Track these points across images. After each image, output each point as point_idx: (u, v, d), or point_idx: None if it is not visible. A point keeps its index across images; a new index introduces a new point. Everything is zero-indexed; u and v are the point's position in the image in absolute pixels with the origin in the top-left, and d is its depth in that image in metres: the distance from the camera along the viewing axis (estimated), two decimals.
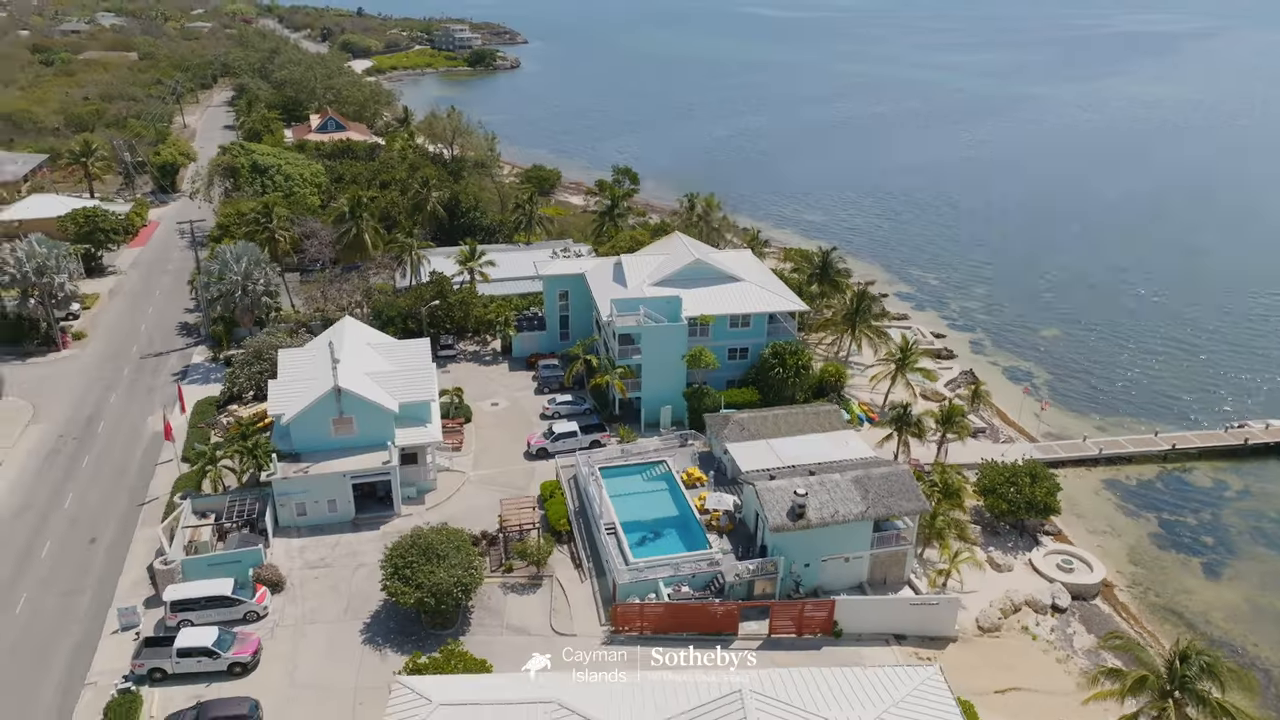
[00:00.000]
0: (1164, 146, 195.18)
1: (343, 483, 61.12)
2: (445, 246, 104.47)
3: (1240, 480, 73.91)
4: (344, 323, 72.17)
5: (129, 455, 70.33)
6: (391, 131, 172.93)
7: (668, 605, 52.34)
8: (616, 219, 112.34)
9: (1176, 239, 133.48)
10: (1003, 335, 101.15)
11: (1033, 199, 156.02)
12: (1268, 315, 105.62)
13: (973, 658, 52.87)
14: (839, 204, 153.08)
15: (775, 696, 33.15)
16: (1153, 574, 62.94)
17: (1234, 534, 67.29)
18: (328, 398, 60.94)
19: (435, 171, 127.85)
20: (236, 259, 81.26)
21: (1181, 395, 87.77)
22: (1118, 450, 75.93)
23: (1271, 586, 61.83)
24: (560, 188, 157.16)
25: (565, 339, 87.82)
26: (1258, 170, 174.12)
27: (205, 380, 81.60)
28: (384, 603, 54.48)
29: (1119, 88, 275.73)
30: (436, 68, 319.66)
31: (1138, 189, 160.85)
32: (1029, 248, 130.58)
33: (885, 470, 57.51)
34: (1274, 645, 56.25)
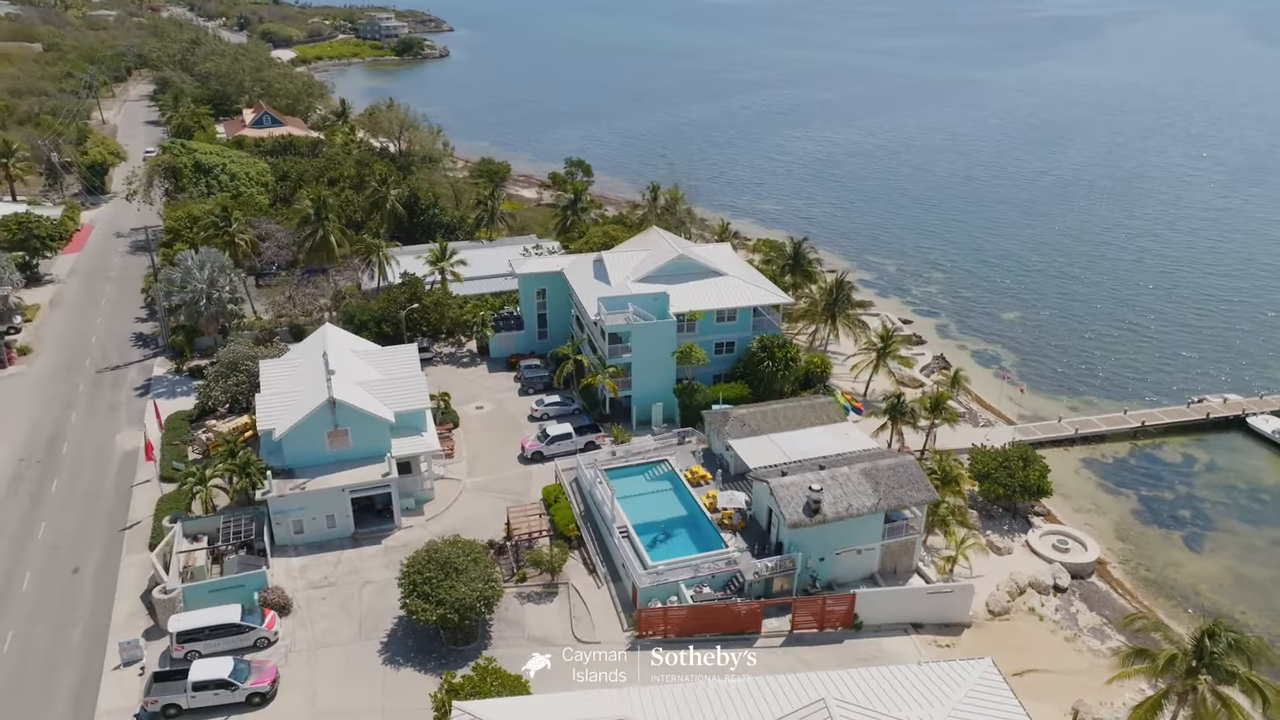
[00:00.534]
0: (1101, 130, 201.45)
1: (341, 497, 59.22)
2: (407, 245, 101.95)
3: (1206, 454, 77.21)
4: (325, 330, 69.71)
5: (101, 477, 66.86)
6: (330, 126, 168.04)
7: (691, 607, 52.18)
8: (580, 213, 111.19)
9: (1117, 221, 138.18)
10: (965, 319, 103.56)
11: (978, 184, 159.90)
12: (1207, 295, 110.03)
13: (987, 642, 54.01)
14: (791, 193, 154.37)
15: (855, 702, 33.26)
16: (1139, 549, 65.37)
17: (1208, 507, 70.29)
18: (322, 410, 58.87)
19: (387, 167, 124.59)
20: (200, 266, 77.70)
21: (1139, 374, 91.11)
22: (1092, 429, 78.56)
23: (1249, 557, 64.79)
24: (510, 180, 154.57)
25: (544, 338, 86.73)
26: (1187, 152, 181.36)
27: (171, 394, 78.03)
28: (398, 620, 53.09)
29: (1054, 71, 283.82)
30: (363, 57, 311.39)
31: (1077, 173, 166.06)
32: (978, 232, 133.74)
33: (892, 461, 58.28)
34: (1261, 613, 58.99)
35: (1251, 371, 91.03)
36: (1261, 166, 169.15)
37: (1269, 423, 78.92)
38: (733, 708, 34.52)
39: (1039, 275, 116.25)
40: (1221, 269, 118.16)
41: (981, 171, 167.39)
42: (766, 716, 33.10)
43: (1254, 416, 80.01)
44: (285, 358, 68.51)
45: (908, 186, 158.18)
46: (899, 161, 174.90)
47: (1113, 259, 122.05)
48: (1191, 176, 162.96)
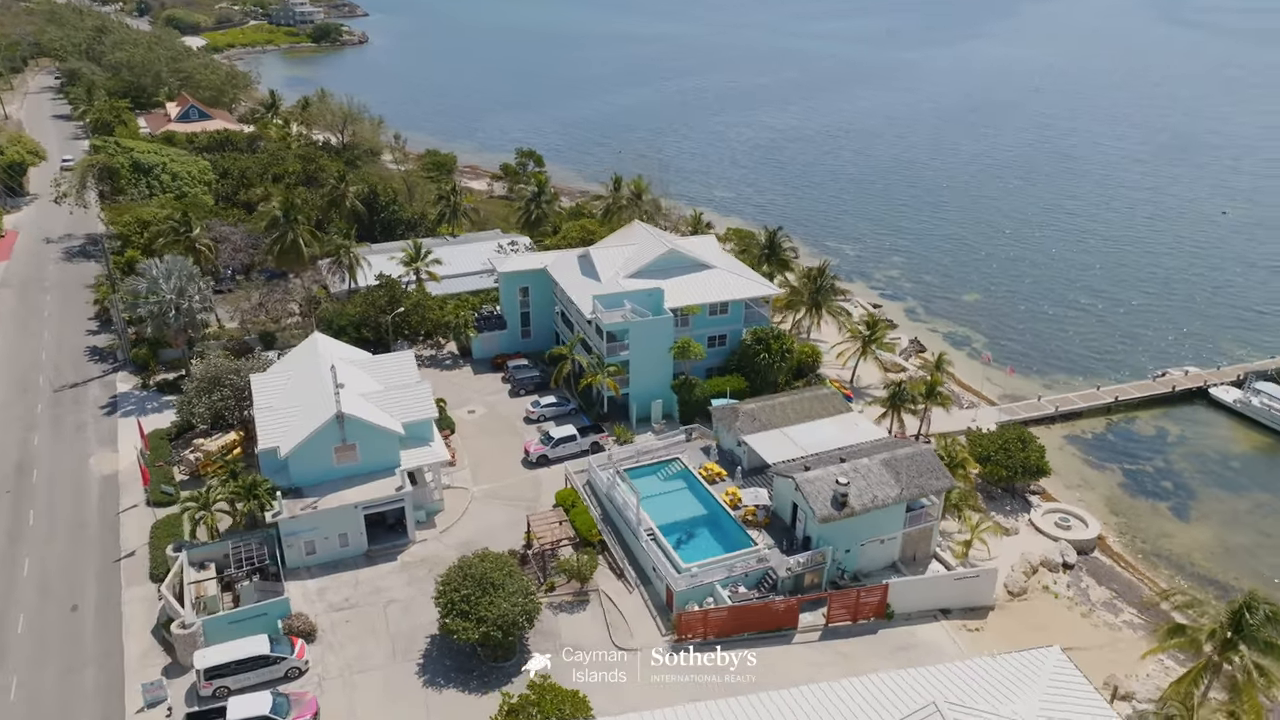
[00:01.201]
0: (1029, 111, 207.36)
1: (354, 515, 57.11)
2: (369, 244, 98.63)
3: (1176, 426, 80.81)
4: (315, 340, 66.97)
5: (82, 505, 62.97)
6: (260, 119, 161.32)
7: (731, 608, 52.11)
8: (544, 205, 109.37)
9: (1055, 202, 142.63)
10: (930, 303, 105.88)
11: (920, 167, 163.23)
12: (1151, 273, 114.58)
13: (1012, 623, 55.57)
14: (739, 180, 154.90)
15: (962, 704, 33.66)
16: (1131, 522, 68.08)
17: (1187, 477, 73.63)
18: (329, 426, 56.57)
19: (335, 163, 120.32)
20: (166, 275, 73.60)
21: (1099, 351, 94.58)
22: (1070, 407, 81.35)
23: (1232, 523, 68.14)
24: (456, 172, 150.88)
25: (527, 337, 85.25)
26: (1111, 133, 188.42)
27: (141, 411, 73.98)
28: (431, 639, 51.66)
29: (979, 51, 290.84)
30: (278, 44, 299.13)
31: (1011, 155, 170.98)
32: (926, 216, 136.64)
33: (910, 451, 59.16)
34: (1253, 578, 62.00)
35: (1202, 344, 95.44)
36: (1182, 146, 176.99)
37: (1229, 393, 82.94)
38: (833, 714, 34.52)
39: (990, 258, 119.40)
40: (1160, 248, 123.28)
41: (921, 155, 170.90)
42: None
43: (1215, 387, 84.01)
44: (275, 370, 65.46)
45: (852, 171, 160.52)
46: (840, 146, 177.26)
47: (1057, 240, 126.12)
48: (1118, 156, 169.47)
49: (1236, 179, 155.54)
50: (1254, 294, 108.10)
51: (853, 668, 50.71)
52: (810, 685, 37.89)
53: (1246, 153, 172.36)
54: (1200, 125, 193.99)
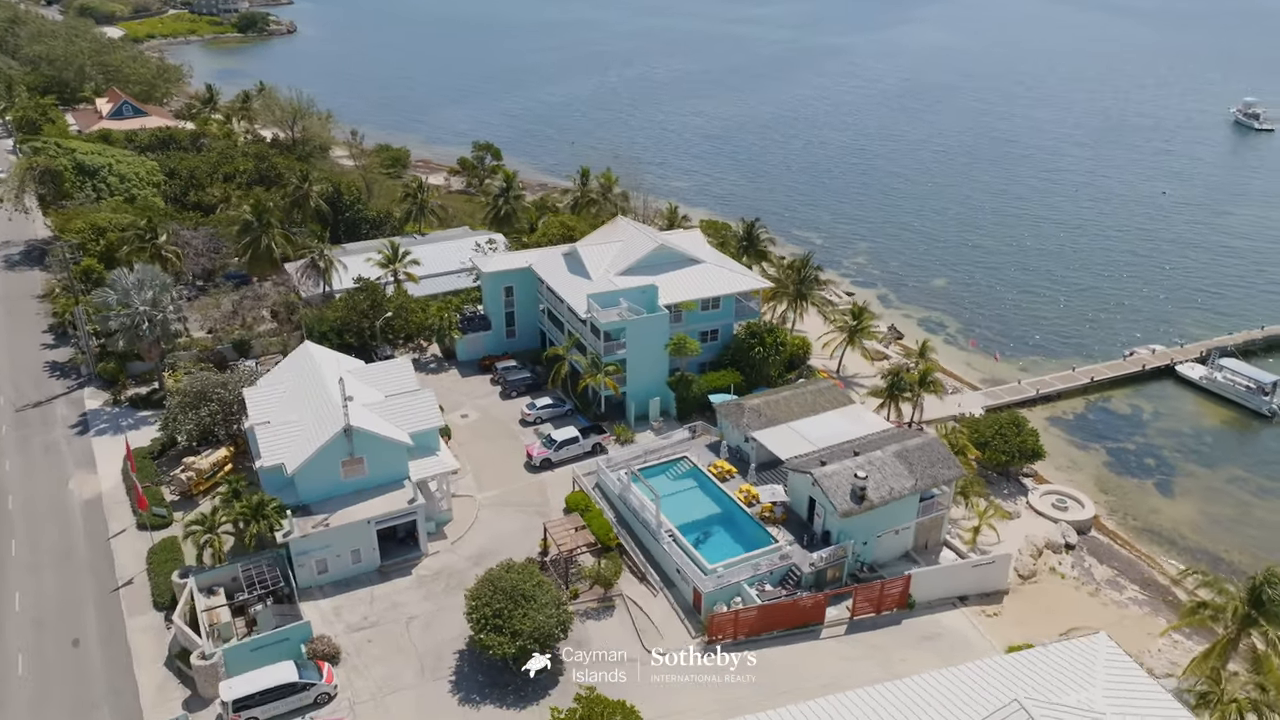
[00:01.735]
0: (966, 96, 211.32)
1: (367, 530, 55.47)
2: (344, 246, 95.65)
3: (1149, 403, 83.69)
4: (307, 349, 64.76)
5: (67, 531, 59.82)
6: (197, 114, 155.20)
7: (761, 607, 52.16)
8: (513, 200, 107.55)
9: (1002, 186, 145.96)
10: (901, 289, 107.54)
11: (870, 154, 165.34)
12: (1106, 255, 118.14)
13: (1026, 606, 56.88)
14: (695, 169, 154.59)
15: (1039, 698, 34.17)
16: (1120, 500, 70.30)
17: (1166, 453, 76.34)
18: (337, 440, 54.72)
19: (286, 159, 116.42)
20: (138, 286, 70.16)
21: (1066, 333, 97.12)
22: (1049, 389, 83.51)
23: (1213, 497, 70.90)
24: (409, 167, 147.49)
25: (511, 337, 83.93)
26: (1047, 116, 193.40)
27: (115, 429, 70.61)
28: (459, 654, 50.61)
29: (911, 37, 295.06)
30: (201, 34, 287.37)
31: (956, 140, 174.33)
32: (883, 203, 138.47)
33: (920, 441, 59.97)
34: (1240, 549, 64.74)
35: (1161, 323, 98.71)
36: (1114, 128, 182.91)
37: (1195, 370, 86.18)
38: (915, 713, 34.79)
39: (950, 244, 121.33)
40: (1108, 230, 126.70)
41: (871, 142, 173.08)
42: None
43: (1181, 365, 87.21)
44: (267, 383, 63.05)
45: (806, 159, 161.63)
46: (791, 134, 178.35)
47: (1010, 224, 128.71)
48: (1057, 140, 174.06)
49: (1170, 160, 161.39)
50: (1202, 272, 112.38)
51: (885, 659, 51.54)
52: (883, 685, 38.10)
53: (1173, 134, 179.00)
54: (1129, 108, 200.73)
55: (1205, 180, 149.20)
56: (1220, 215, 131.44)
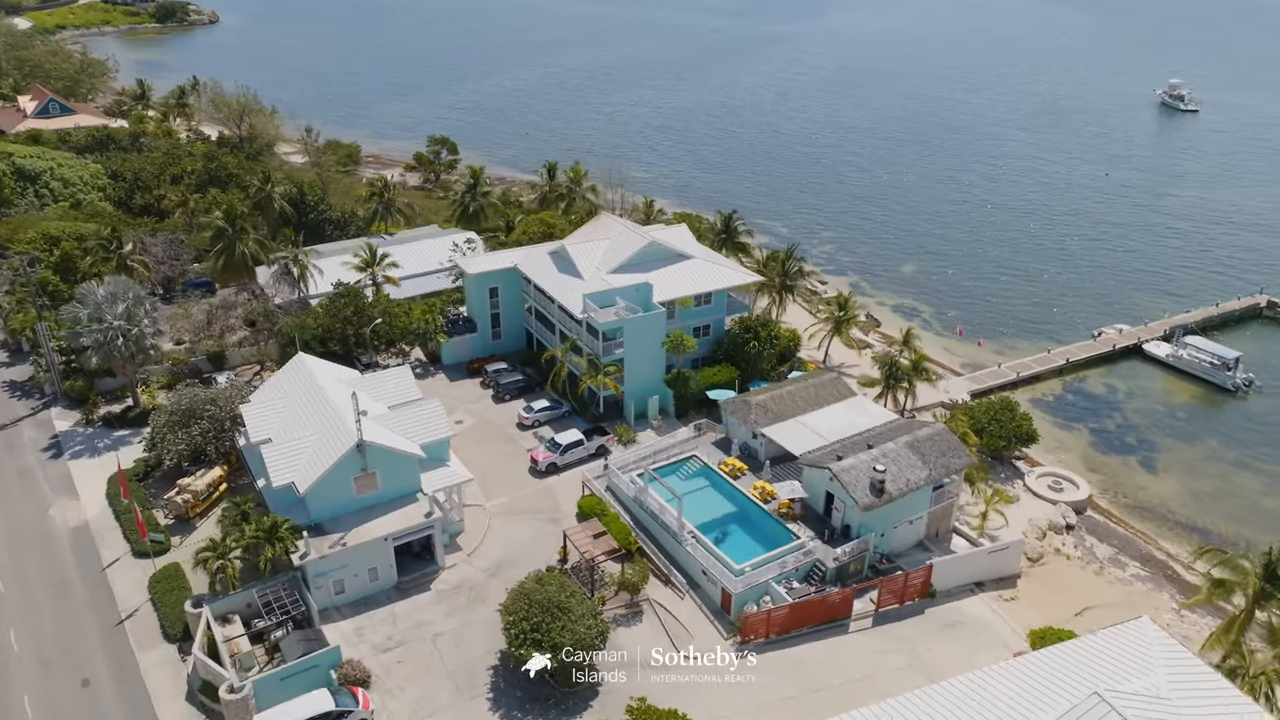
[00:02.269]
0: (908, 83, 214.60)
1: (384, 548, 53.89)
2: (317, 249, 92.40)
3: (1123, 382, 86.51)
4: (302, 361, 62.43)
5: (56, 562, 56.68)
6: (129, 111, 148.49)
7: (792, 605, 52.30)
8: (482, 197, 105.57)
9: (952, 172, 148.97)
10: (872, 276, 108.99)
11: (823, 142, 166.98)
12: (1060, 238, 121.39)
13: (1039, 589, 58.24)
14: (653, 159, 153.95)
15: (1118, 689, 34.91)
16: (1109, 478, 72.56)
17: (1144, 430, 79.05)
18: (350, 456, 52.95)
19: (237, 160, 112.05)
20: (111, 300, 66.66)
21: (1035, 315, 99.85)
22: (1028, 371, 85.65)
23: (1194, 471, 73.70)
24: (360, 163, 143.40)
25: (497, 338, 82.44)
26: (985, 101, 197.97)
27: (92, 451, 67.22)
28: (492, 670, 49.63)
29: (851, 23, 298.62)
30: (116, 25, 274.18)
31: (903, 126, 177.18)
32: (843, 191, 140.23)
33: (930, 431, 60.84)
34: (1226, 520, 67.51)
35: (1121, 303, 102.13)
36: (1050, 111, 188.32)
37: (1160, 348, 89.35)
38: (991, 708, 35.26)
39: (911, 231, 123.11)
40: (1058, 214, 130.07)
41: (822, 130, 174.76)
42: (1039, 716, 34.10)
43: (1148, 343, 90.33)
44: (262, 398, 60.60)
45: (758, 148, 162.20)
46: (741, 123, 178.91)
47: (966, 211, 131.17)
48: (999, 125, 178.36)
49: (1105, 143, 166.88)
50: (1152, 253, 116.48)
51: (912, 650, 52.30)
52: (950, 681, 38.58)
53: (1105, 115, 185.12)
54: (1061, 91, 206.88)
55: (1142, 162, 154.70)
56: (1162, 197, 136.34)
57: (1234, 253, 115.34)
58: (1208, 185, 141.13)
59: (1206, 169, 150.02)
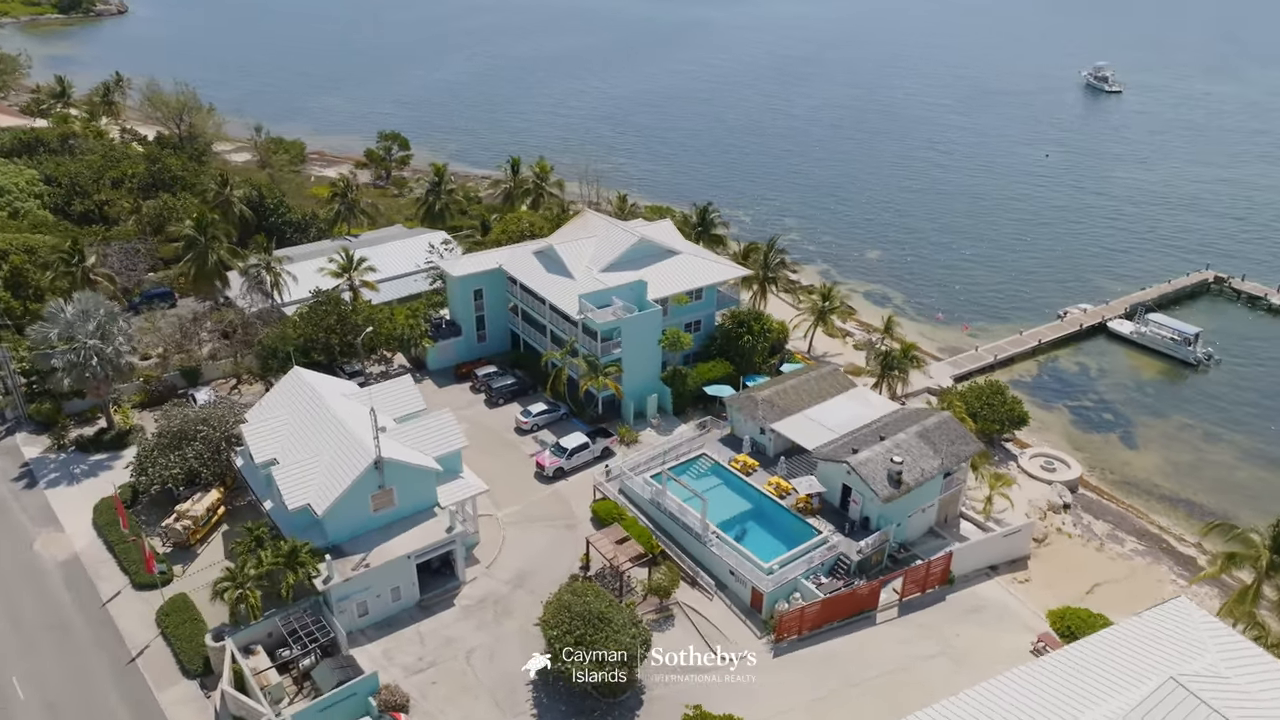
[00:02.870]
0: (838, 68, 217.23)
1: (407, 566, 52.35)
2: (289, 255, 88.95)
3: (1091, 360, 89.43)
4: (299, 376, 59.92)
5: (51, 600, 53.44)
6: (48, 110, 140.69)
7: (824, 601, 52.65)
8: (447, 195, 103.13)
9: (898, 157, 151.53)
10: (839, 263, 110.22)
11: (767, 129, 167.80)
12: (1012, 220, 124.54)
13: (1049, 569, 59.83)
14: (606, 150, 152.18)
15: (1188, 673, 35.94)
16: (1093, 456, 74.93)
17: (1119, 407, 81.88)
18: (367, 474, 51.18)
19: (181, 161, 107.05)
20: (83, 317, 62.93)
21: (998, 298, 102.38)
22: (1004, 354, 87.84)
23: (1171, 444, 76.65)
24: (307, 161, 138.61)
25: (482, 341, 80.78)
26: (919, 85, 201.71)
27: (69, 478, 63.59)
28: (533, 686, 48.69)
29: (766, 7, 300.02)
30: (15, 16, 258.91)
31: (842, 112, 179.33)
32: (795, 178, 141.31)
33: (937, 420, 61.80)
34: (1207, 491, 70.47)
35: (1078, 283, 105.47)
36: (981, 94, 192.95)
37: (1124, 326, 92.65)
38: (1066, 705, 36.00)
39: (869, 219, 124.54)
40: (1005, 196, 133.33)
41: (764, 116, 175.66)
42: (1119, 708, 34.90)
43: (1112, 321, 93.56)
44: (258, 416, 58.04)
45: (706, 138, 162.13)
46: (684, 111, 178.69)
47: (919, 197, 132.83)
48: (936, 109, 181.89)
49: (1039, 124, 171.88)
50: (1100, 232, 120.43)
51: (939, 637, 53.21)
52: (1010, 674, 39.18)
53: (1034, 97, 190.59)
54: (988, 73, 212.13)
55: (1077, 144, 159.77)
56: (1102, 179, 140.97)
57: (1176, 232, 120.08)
58: (1143, 166, 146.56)
59: (1139, 150, 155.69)
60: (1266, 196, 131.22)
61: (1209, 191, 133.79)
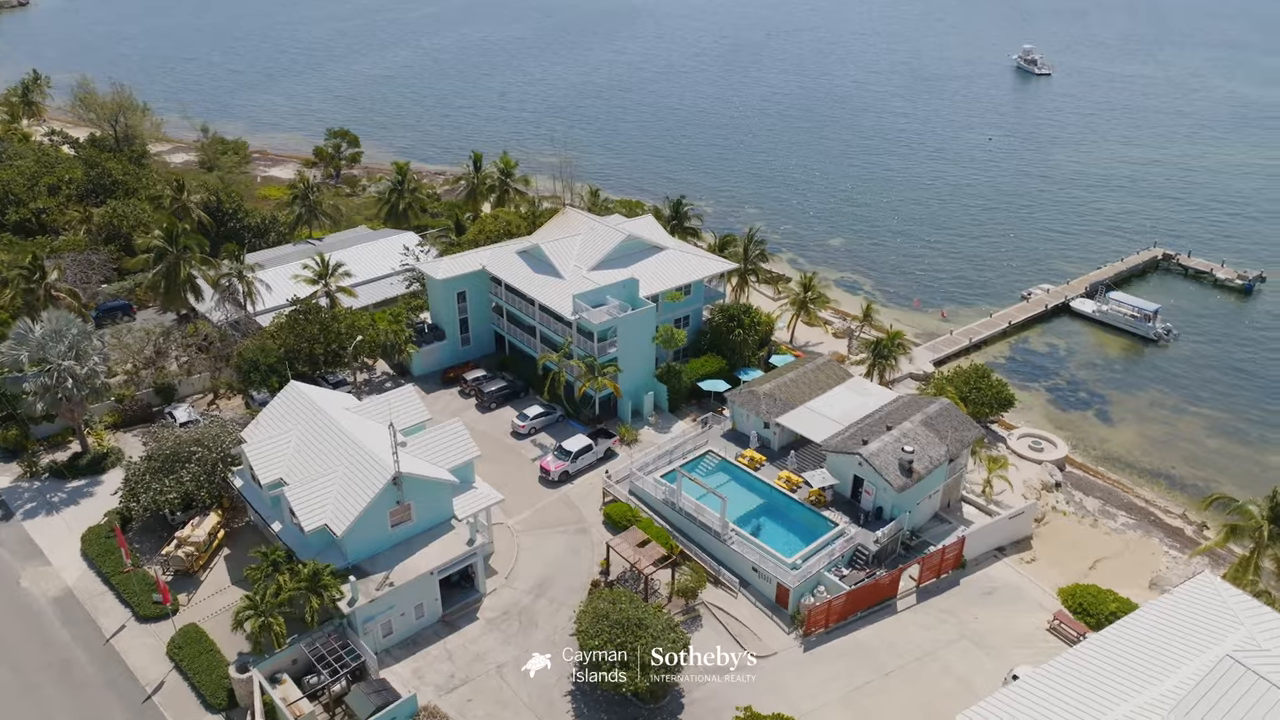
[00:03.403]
0: (781, 54, 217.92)
1: (430, 582, 51.10)
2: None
3: (1060, 340, 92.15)
4: (298, 391, 57.79)
5: (49, 639, 50.55)
6: None
7: (850, 593, 53.15)
8: (410, 194, 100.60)
9: (848, 144, 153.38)
10: (806, 252, 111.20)
11: (717, 117, 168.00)
12: (964, 204, 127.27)
13: (1051, 548, 61.46)
14: (559, 143, 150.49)
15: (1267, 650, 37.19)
16: (1075, 434, 77.28)
17: (1092, 383, 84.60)
18: (386, 491, 49.69)
19: (122, 164, 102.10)
20: (56, 337, 59.46)
21: (960, 281, 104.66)
22: (979, 336, 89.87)
23: (1144, 419, 79.54)
24: (249, 160, 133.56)
25: (466, 344, 79.16)
26: (863, 70, 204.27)
27: (48, 508, 60.23)
28: (570, 696, 48.15)
29: None
30: None
31: (790, 99, 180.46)
32: (751, 166, 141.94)
33: (939, 407, 62.90)
34: (1183, 463, 73.44)
35: (1034, 263, 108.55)
36: (922, 79, 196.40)
37: (1087, 304, 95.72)
38: (1119, 684, 37.02)
39: (826, 207, 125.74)
40: (956, 180, 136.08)
41: (713, 104, 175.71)
42: (1177, 686, 35.99)
43: (1074, 300, 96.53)
44: (262, 434, 55.74)
45: (659, 127, 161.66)
46: (633, 100, 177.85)
47: (871, 184, 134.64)
48: (881, 95, 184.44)
49: (979, 109, 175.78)
50: (1048, 213, 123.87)
51: (959, 621, 54.29)
52: (1062, 657, 40.19)
53: (969, 81, 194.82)
54: (923, 58, 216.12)
55: (1014, 127, 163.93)
56: (1044, 161, 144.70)
57: (1121, 212, 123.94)
58: (1080, 149, 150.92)
59: (1073, 133, 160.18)
60: (1199, 176, 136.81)
61: (1145, 172, 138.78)
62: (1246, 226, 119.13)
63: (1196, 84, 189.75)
